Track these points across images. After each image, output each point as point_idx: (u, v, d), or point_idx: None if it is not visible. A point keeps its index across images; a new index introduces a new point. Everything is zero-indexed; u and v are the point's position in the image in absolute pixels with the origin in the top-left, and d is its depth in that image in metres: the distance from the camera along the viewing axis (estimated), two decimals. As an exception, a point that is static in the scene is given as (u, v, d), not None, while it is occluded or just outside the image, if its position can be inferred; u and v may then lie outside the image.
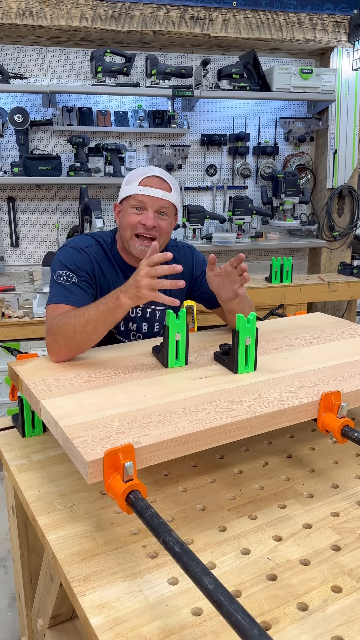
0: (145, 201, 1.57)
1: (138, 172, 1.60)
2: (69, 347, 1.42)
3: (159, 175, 1.60)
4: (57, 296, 1.53)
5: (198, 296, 1.82)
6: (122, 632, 0.79)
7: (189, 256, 1.78)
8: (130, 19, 3.16)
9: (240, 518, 1.05)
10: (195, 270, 1.79)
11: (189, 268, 1.78)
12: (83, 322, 1.38)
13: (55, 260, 1.61)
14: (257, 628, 0.59)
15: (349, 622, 0.80)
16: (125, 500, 0.86)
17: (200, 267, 1.79)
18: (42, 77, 3.34)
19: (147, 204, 1.57)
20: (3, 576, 2.21)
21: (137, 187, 1.57)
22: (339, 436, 1.10)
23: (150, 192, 1.56)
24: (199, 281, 1.79)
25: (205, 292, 1.79)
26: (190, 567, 0.70)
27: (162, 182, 1.59)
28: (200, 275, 1.78)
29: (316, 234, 3.89)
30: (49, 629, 1.39)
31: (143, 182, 1.57)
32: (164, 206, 1.59)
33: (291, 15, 3.40)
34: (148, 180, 1.58)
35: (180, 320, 1.37)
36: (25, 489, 1.17)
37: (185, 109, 3.55)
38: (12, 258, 3.50)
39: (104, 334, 1.43)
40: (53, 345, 1.43)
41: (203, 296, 1.80)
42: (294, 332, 1.69)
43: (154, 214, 1.58)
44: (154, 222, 1.57)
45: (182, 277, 1.77)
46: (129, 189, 1.59)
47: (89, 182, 3.27)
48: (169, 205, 1.61)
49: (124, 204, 1.62)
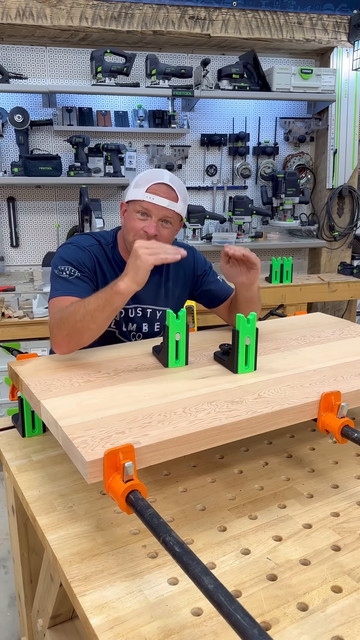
0: (150, 209, 1.57)
1: (148, 177, 1.59)
2: (71, 336, 1.41)
3: (168, 183, 1.58)
4: (60, 289, 1.53)
5: (199, 295, 1.83)
6: (122, 632, 0.79)
7: (190, 256, 1.78)
8: (130, 19, 3.16)
9: (240, 518, 1.05)
10: (197, 270, 1.80)
11: (190, 268, 1.79)
12: (83, 311, 1.38)
13: (56, 257, 1.61)
14: (257, 628, 0.59)
15: (349, 622, 0.80)
16: (125, 500, 0.86)
17: (202, 267, 1.80)
18: (42, 77, 3.34)
19: (152, 212, 1.57)
20: (3, 576, 2.21)
21: (144, 193, 1.56)
22: (339, 436, 1.10)
23: (156, 200, 1.56)
24: (200, 280, 1.80)
25: (206, 291, 1.81)
26: (190, 567, 0.70)
27: (169, 190, 1.58)
28: (202, 275, 1.80)
29: (316, 234, 3.89)
30: (49, 629, 1.39)
31: (151, 189, 1.56)
32: (168, 216, 1.59)
33: (291, 15, 3.40)
34: (156, 187, 1.56)
35: (180, 320, 1.37)
36: (25, 489, 1.17)
37: (185, 109, 3.55)
38: (12, 258, 3.50)
39: (105, 324, 1.41)
40: (56, 335, 1.43)
41: (204, 295, 1.82)
42: (294, 332, 1.69)
43: (157, 222, 1.58)
44: (156, 231, 1.57)
45: (184, 277, 1.79)
46: (136, 193, 1.58)
47: (89, 182, 3.27)
48: (174, 215, 1.60)
49: (130, 206, 1.62)
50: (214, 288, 1.80)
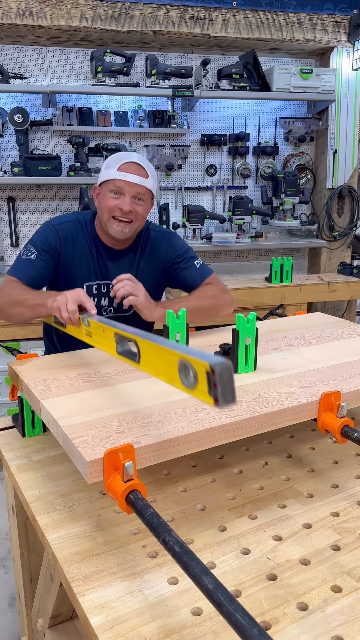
0: (123, 186, 1.65)
1: (117, 157, 1.67)
2: (1, 310, 1.60)
3: (137, 161, 1.66)
4: (12, 267, 1.68)
5: (175, 281, 1.86)
6: (122, 632, 0.79)
7: (165, 242, 1.83)
8: (130, 19, 3.16)
9: (240, 518, 1.05)
10: (170, 254, 1.83)
11: (164, 252, 1.83)
12: (19, 301, 1.55)
13: (33, 234, 1.75)
14: (257, 628, 0.59)
15: (349, 622, 0.80)
16: (125, 500, 0.86)
17: (175, 252, 1.82)
18: (42, 77, 3.34)
19: (125, 189, 1.65)
20: (3, 576, 2.21)
21: (115, 172, 1.64)
22: (339, 436, 1.10)
23: (128, 177, 1.64)
24: (174, 267, 1.83)
25: (180, 277, 1.83)
26: (190, 567, 0.70)
27: (139, 168, 1.66)
28: (175, 261, 1.82)
29: (316, 234, 3.89)
30: (49, 628, 1.39)
31: (121, 168, 1.64)
32: (140, 192, 1.66)
33: (291, 15, 3.40)
34: (126, 166, 1.65)
35: (180, 320, 1.38)
36: (25, 489, 1.17)
37: (185, 109, 3.55)
38: (12, 258, 3.50)
39: (30, 319, 1.58)
40: None
41: (179, 281, 1.85)
42: (294, 332, 1.69)
43: (130, 199, 1.65)
44: (131, 207, 1.65)
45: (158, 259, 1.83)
46: (107, 174, 1.67)
47: (89, 182, 3.27)
48: (146, 191, 1.68)
49: (103, 187, 1.70)
50: (187, 275, 1.82)
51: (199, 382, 0.78)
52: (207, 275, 1.82)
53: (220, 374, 0.72)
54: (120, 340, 1.12)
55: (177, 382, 0.85)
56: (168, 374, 0.89)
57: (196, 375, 0.79)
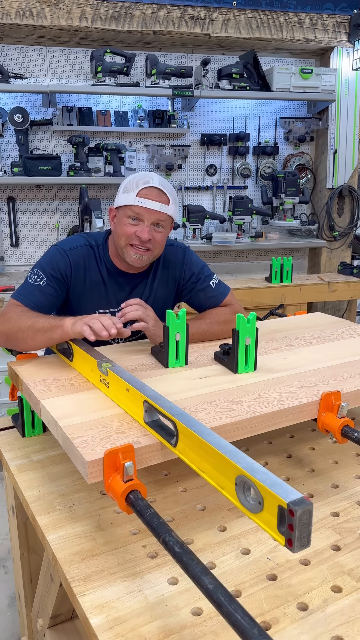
0: (142, 213, 1.55)
1: (136, 181, 1.57)
2: (9, 338, 1.48)
3: (158, 186, 1.57)
4: (18, 292, 1.58)
5: (188, 300, 1.78)
6: (122, 632, 0.79)
7: (179, 258, 1.74)
8: (130, 19, 3.16)
9: (240, 518, 1.05)
10: (185, 273, 1.74)
11: (177, 272, 1.74)
12: (28, 325, 1.44)
13: (41, 257, 1.65)
14: (257, 628, 0.59)
15: (349, 622, 0.80)
16: (125, 500, 0.86)
17: (190, 271, 1.74)
18: (42, 77, 3.34)
19: (144, 216, 1.56)
20: (3, 576, 2.21)
21: (134, 197, 1.54)
22: (339, 436, 1.10)
23: (148, 204, 1.54)
24: (189, 286, 1.74)
25: (194, 299, 1.75)
26: (190, 567, 0.70)
27: (160, 194, 1.57)
28: (190, 280, 1.74)
29: (316, 233, 3.89)
30: (49, 629, 1.39)
31: (141, 194, 1.55)
32: (161, 219, 1.58)
33: (291, 15, 3.40)
34: (146, 191, 1.55)
35: (180, 320, 1.38)
36: (25, 489, 1.17)
37: (185, 109, 3.55)
38: (12, 258, 3.50)
39: (41, 346, 1.47)
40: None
41: (193, 301, 1.77)
42: (294, 332, 1.69)
43: (149, 226, 1.56)
44: (149, 236, 1.56)
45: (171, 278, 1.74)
46: (126, 198, 1.57)
47: (88, 182, 3.27)
48: (166, 218, 1.59)
49: (120, 211, 1.60)
50: (202, 297, 1.74)
51: (265, 511, 0.69)
52: (223, 297, 1.73)
53: (300, 517, 0.64)
54: (149, 409, 1.01)
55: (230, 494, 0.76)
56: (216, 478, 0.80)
57: (262, 502, 0.69)
